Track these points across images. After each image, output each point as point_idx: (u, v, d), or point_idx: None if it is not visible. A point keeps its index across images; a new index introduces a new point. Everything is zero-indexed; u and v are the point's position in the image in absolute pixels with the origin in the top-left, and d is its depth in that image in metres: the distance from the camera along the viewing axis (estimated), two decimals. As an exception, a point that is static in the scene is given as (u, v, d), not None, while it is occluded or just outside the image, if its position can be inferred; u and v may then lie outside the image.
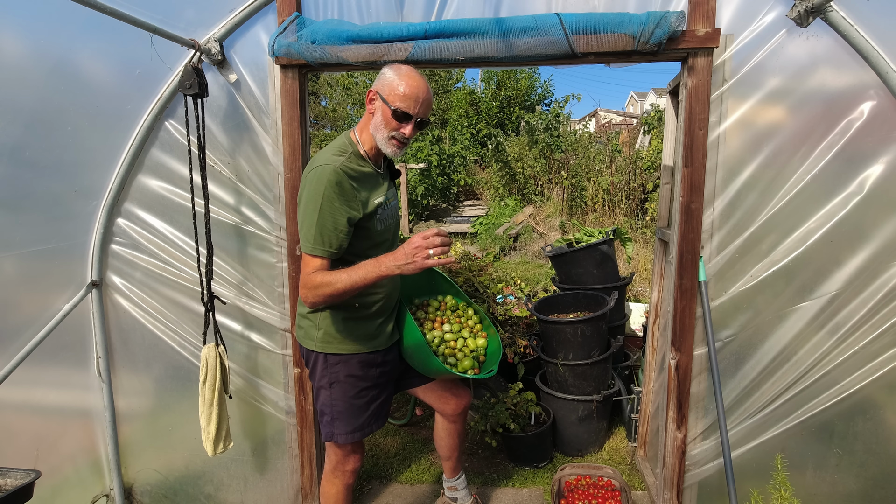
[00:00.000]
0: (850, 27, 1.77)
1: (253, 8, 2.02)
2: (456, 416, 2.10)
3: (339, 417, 1.80)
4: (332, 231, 1.59)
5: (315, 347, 1.77)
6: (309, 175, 1.61)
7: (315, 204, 1.56)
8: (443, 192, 12.20)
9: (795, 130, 1.90)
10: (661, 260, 2.64)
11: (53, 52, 2.08)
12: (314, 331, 1.76)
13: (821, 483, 2.06)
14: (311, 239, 1.58)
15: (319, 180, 1.57)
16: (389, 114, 1.63)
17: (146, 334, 2.31)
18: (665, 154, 2.59)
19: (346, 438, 1.81)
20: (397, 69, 1.66)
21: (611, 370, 3.01)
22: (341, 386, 1.78)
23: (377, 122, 1.67)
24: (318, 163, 1.61)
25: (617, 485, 2.44)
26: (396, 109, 1.62)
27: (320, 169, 1.58)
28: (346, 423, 1.80)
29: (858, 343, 1.94)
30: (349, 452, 1.88)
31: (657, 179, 8.28)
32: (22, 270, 2.22)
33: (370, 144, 1.73)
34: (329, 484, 1.94)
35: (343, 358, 1.77)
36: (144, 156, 2.19)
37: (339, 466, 1.90)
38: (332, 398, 1.79)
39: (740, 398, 2.06)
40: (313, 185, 1.58)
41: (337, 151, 1.66)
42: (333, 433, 1.81)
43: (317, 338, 1.76)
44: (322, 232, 1.58)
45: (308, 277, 1.61)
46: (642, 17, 1.79)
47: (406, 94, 1.62)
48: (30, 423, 2.31)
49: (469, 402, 2.14)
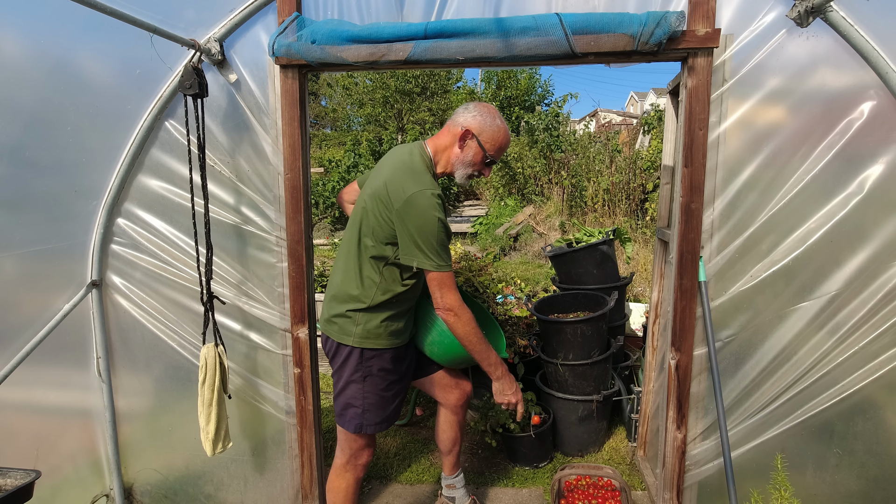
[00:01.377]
0: (850, 27, 1.77)
1: (253, 8, 2.02)
2: (459, 406, 2.20)
3: (370, 409, 1.89)
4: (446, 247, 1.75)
5: (353, 343, 1.85)
6: (413, 200, 1.69)
7: (432, 223, 1.68)
8: (442, 192, 12.19)
9: (795, 130, 1.90)
10: (661, 260, 2.64)
11: (53, 52, 2.08)
12: (352, 327, 1.84)
13: (821, 483, 2.06)
14: (437, 254, 1.71)
15: (431, 203, 1.69)
16: (481, 158, 1.81)
17: (146, 334, 2.31)
18: (665, 154, 2.59)
19: (375, 429, 1.91)
20: (500, 119, 1.82)
21: (611, 370, 3.01)
22: (374, 379, 1.88)
23: (465, 159, 1.81)
24: (418, 188, 1.70)
25: (617, 485, 2.44)
26: (491, 158, 1.81)
27: (427, 194, 1.69)
28: (376, 415, 1.90)
29: (858, 343, 1.94)
30: (365, 446, 1.97)
31: (657, 179, 8.28)
32: (22, 270, 2.21)
33: (440, 167, 1.87)
34: (339, 478, 1.99)
35: (377, 353, 1.87)
36: (144, 156, 2.19)
37: (351, 460, 1.97)
38: (365, 391, 1.88)
39: (740, 398, 2.06)
40: (425, 208, 1.68)
41: (424, 172, 1.78)
42: (364, 424, 1.89)
43: (355, 333, 1.84)
44: (442, 249, 1.72)
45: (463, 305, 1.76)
46: (642, 17, 1.78)
47: (503, 147, 1.83)
48: (30, 423, 2.31)
49: (471, 393, 2.23)
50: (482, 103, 1.86)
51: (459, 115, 1.85)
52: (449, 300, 1.74)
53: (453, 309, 1.75)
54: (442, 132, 1.87)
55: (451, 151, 1.83)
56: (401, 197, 1.70)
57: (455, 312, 1.75)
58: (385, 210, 1.75)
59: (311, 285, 2.22)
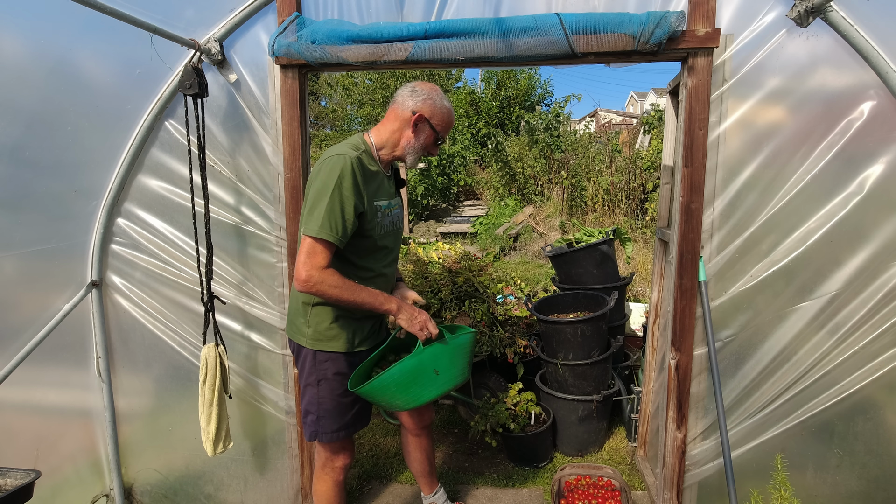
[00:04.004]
0: (850, 27, 1.77)
1: (253, 8, 2.02)
2: (419, 429, 2.15)
3: (325, 416, 1.80)
4: (340, 217, 1.60)
5: (306, 343, 1.77)
6: (323, 163, 1.64)
7: (327, 189, 1.58)
8: (443, 192, 12.19)
9: (795, 130, 1.90)
10: (661, 260, 2.64)
11: (53, 52, 2.08)
12: (305, 328, 1.77)
13: (821, 484, 2.06)
14: (319, 222, 1.57)
15: (333, 168, 1.60)
16: (433, 139, 1.79)
17: (146, 334, 2.31)
18: (665, 154, 2.59)
19: (330, 437, 1.81)
20: (446, 99, 1.79)
21: (611, 370, 3.01)
22: (329, 383, 1.78)
23: (417, 143, 1.77)
24: (332, 153, 1.65)
25: (617, 485, 2.44)
26: (442, 137, 1.80)
27: (335, 158, 1.62)
28: (333, 422, 1.81)
29: (858, 343, 1.94)
30: (338, 450, 1.89)
31: (657, 179, 8.28)
32: (22, 270, 2.22)
33: (387, 151, 1.80)
34: (320, 482, 1.94)
35: (332, 356, 1.77)
36: (144, 156, 2.19)
37: (328, 464, 1.91)
38: (319, 396, 1.79)
39: (740, 398, 2.06)
40: (327, 172, 1.61)
41: (351, 147, 1.72)
42: (318, 432, 1.81)
43: (307, 334, 1.77)
44: (331, 216, 1.58)
45: (322, 272, 1.57)
46: (642, 17, 1.79)
47: (450, 126, 1.81)
48: (30, 423, 2.31)
49: (431, 419, 2.19)
50: (425, 83, 1.78)
51: (407, 98, 1.74)
52: (307, 271, 1.55)
53: (311, 280, 1.56)
54: (387, 118, 1.77)
55: (401, 135, 1.75)
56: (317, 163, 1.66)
57: (316, 281, 1.56)
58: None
59: (311, 285, 2.22)
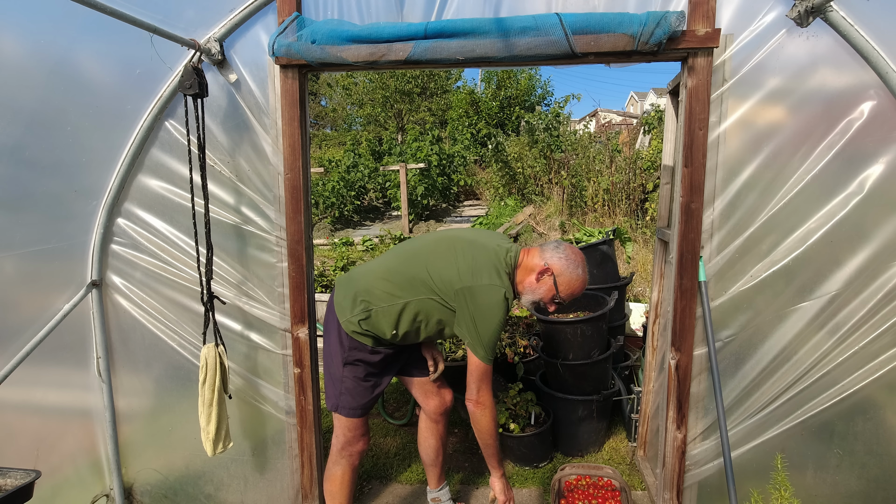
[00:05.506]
0: (850, 27, 1.77)
1: (253, 8, 2.02)
2: (438, 414, 2.22)
3: (346, 392, 1.97)
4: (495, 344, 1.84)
5: (344, 325, 1.94)
6: (485, 291, 1.77)
7: (495, 321, 1.77)
8: (443, 192, 12.19)
9: (795, 130, 1.90)
10: (661, 260, 2.64)
11: (53, 52, 2.08)
12: (350, 314, 1.93)
13: (821, 484, 2.06)
14: (491, 352, 1.81)
15: (500, 302, 1.77)
16: (552, 297, 1.86)
17: (146, 334, 2.30)
18: (665, 154, 2.59)
19: (349, 413, 1.98)
20: (583, 269, 1.87)
21: (611, 370, 3.01)
22: (352, 367, 1.96)
23: (537, 291, 1.86)
24: (493, 282, 1.78)
25: (617, 485, 2.44)
26: (561, 300, 1.87)
27: (498, 291, 1.77)
28: (353, 399, 1.98)
29: (858, 343, 1.94)
30: (360, 435, 2.04)
31: (657, 179, 8.28)
32: (22, 270, 2.22)
33: (517, 284, 1.91)
34: (335, 465, 2.05)
35: (360, 345, 1.95)
36: (144, 156, 2.19)
37: (346, 447, 2.03)
38: (344, 375, 1.97)
39: (740, 398, 2.06)
40: (493, 304, 1.76)
41: (504, 274, 1.83)
42: (339, 406, 1.98)
43: (349, 319, 1.93)
44: (494, 344, 1.82)
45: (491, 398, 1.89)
46: (642, 17, 1.78)
47: (574, 294, 1.88)
48: (30, 423, 2.31)
49: (451, 403, 2.25)
50: (573, 248, 1.90)
51: (550, 250, 1.89)
52: (484, 396, 1.87)
53: (485, 404, 1.87)
54: (533, 254, 1.91)
55: (528, 277, 1.88)
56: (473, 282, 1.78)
57: (486, 406, 1.87)
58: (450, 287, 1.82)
59: (310, 285, 2.22)
